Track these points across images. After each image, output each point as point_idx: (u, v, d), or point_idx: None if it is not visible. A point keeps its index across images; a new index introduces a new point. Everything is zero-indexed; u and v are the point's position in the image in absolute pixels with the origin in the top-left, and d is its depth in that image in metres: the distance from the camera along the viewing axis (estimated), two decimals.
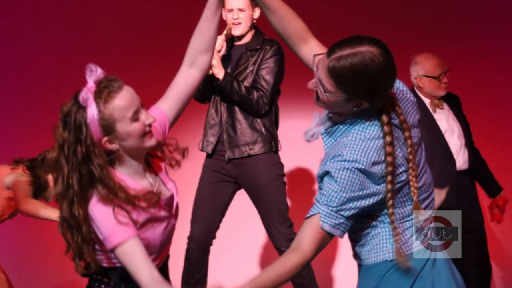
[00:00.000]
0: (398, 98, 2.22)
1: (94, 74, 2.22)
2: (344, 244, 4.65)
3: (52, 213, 3.84)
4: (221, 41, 4.24)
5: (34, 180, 4.11)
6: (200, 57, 2.46)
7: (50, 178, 3.93)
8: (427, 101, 4.46)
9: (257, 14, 4.34)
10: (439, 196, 3.74)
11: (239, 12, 4.32)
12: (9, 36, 5.69)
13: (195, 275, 4.34)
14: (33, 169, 4.12)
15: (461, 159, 4.44)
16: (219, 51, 4.25)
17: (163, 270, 2.41)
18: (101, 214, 2.20)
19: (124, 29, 5.70)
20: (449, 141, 4.41)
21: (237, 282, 2.14)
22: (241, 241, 5.48)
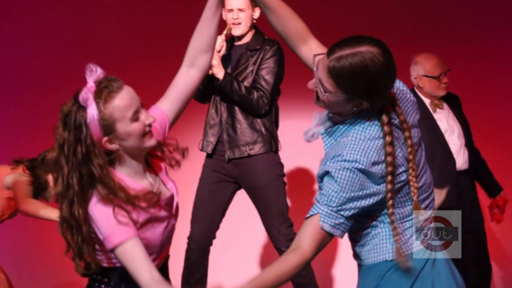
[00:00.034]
0: (398, 98, 2.22)
1: (94, 74, 2.22)
2: (344, 244, 4.65)
3: (52, 213, 3.84)
4: (221, 41, 4.24)
5: (34, 180, 4.10)
6: (200, 57, 2.46)
7: (50, 178, 3.93)
8: (427, 101, 4.46)
9: (257, 14, 4.34)
10: (439, 196, 3.74)
11: (239, 12, 4.32)
12: (9, 36, 5.69)
13: (195, 275, 4.34)
14: (33, 169, 4.11)
15: (461, 159, 4.44)
16: (219, 51, 4.24)
17: (163, 270, 2.41)
18: (101, 214, 2.20)
19: (124, 29, 5.69)
20: (449, 141, 4.40)
21: (237, 282, 2.14)
22: (241, 241, 5.48)
